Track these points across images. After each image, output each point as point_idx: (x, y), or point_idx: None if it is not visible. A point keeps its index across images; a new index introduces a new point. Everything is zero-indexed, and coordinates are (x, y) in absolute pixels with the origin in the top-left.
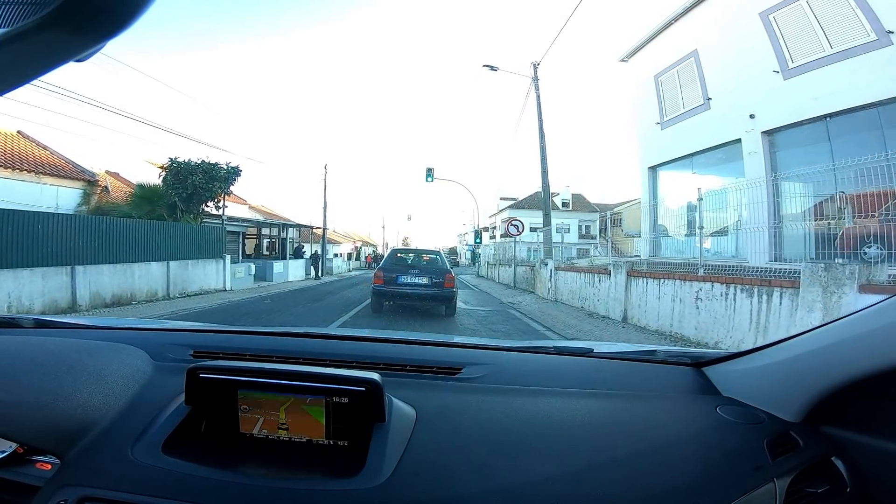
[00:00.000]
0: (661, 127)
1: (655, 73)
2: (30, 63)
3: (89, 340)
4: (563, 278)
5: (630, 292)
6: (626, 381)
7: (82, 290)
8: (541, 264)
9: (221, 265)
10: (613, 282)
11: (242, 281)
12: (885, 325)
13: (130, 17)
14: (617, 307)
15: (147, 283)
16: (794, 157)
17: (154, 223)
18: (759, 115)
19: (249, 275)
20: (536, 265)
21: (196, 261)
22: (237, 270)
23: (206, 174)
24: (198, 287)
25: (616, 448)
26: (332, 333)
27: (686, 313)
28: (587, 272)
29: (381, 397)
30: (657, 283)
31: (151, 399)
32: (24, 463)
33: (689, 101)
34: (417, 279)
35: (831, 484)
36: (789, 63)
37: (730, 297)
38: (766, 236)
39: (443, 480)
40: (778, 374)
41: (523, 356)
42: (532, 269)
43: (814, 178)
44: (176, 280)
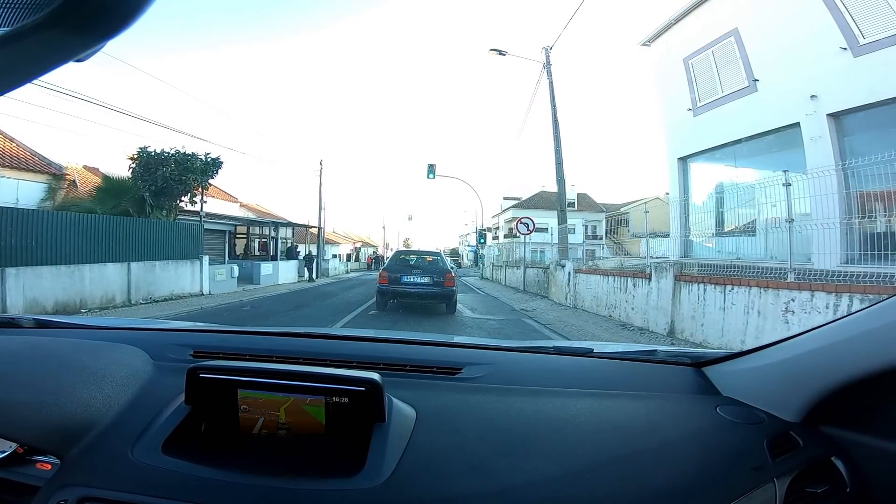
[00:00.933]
0: (694, 113)
1: (685, 55)
2: (30, 63)
3: (89, 340)
4: (584, 282)
5: (679, 301)
6: (626, 381)
7: (14, 295)
8: (556, 266)
9: (198, 266)
10: (655, 287)
11: (224, 284)
12: (884, 325)
13: (130, 17)
14: (660, 318)
15: (102, 288)
16: (864, 143)
17: (111, 218)
18: (821, 97)
19: (232, 277)
20: (550, 267)
21: (166, 262)
22: (217, 272)
23: (180, 165)
24: (168, 291)
25: (616, 448)
26: (333, 333)
27: (767, 329)
28: (616, 275)
29: (381, 397)
30: (720, 291)
31: (151, 399)
32: (24, 463)
33: (728, 83)
34: (420, 279)
35: (831, 484)
36: (859, 39)
37: (841, 311)
38: (837, 234)
39: (443, 480)
40: (778, 374)
41: (523, 356)
42: (545, 271)
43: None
44: (139, 284)
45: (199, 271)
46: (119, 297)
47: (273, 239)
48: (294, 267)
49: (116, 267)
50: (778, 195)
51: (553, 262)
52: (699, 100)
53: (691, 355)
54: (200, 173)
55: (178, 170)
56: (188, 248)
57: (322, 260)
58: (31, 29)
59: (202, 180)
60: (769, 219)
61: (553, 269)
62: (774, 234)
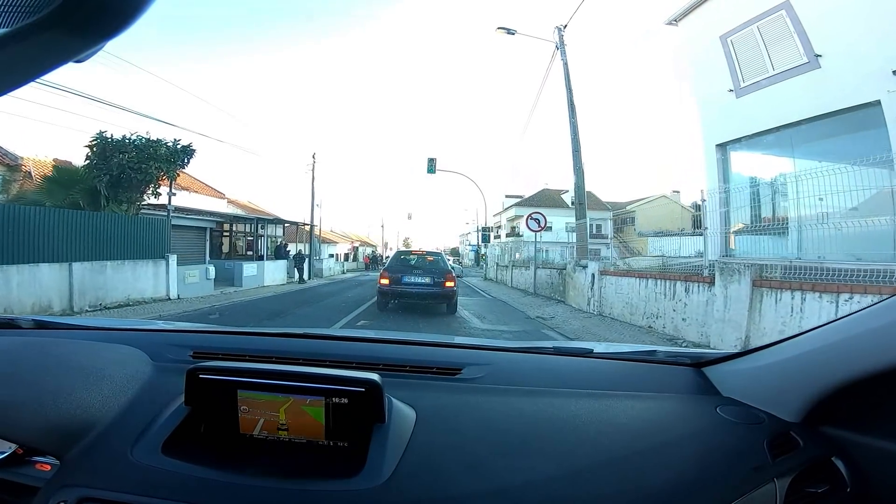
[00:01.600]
0: (737, 94)
1: (722, 33)
2: (30, 63)
3: (89, 341)
4: (613, 286)
5: (760, 312)
6: (626, 382)
7: None
8: (575, 267)
9: (163, 267)
10: (721, 294)
11: (197, 287)
12: (884, 325)
13: (130, 17)
14: (728, 332)
15: (34, 294)
16: None
17: (47, 211)
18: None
19: (208, 279)
20: (567, 268)
21: (121, 261)
22: (189, 274)
23: (141, 152)
24: (122, 296)
25: (616, 448)
26: (332, 334)
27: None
28: (659, 278)
29: (381, 398)
30: (831, 300)
31: (151, 400)
32: (23, 463)
33: (780, 60)
34: (420, 279)
35: (831, 484)
36: None
37: None
38: None
39: (442, 481)
40: (778, 374)
41: (523, 356)
42: (559, 272)
43: None
44: (85, 288)
45: (165, 272)
46: (57, 305)
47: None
48: (283, 267)
49: (54, 268)
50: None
51: (571, 262)
52: (742, 79)
53: (691, 356)
54: (166, 161)
55: (138, 157)
56: (151, 246)
57: (316, 259)
58: (31, 29)
59: (168, 169)
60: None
61: (571, 269)
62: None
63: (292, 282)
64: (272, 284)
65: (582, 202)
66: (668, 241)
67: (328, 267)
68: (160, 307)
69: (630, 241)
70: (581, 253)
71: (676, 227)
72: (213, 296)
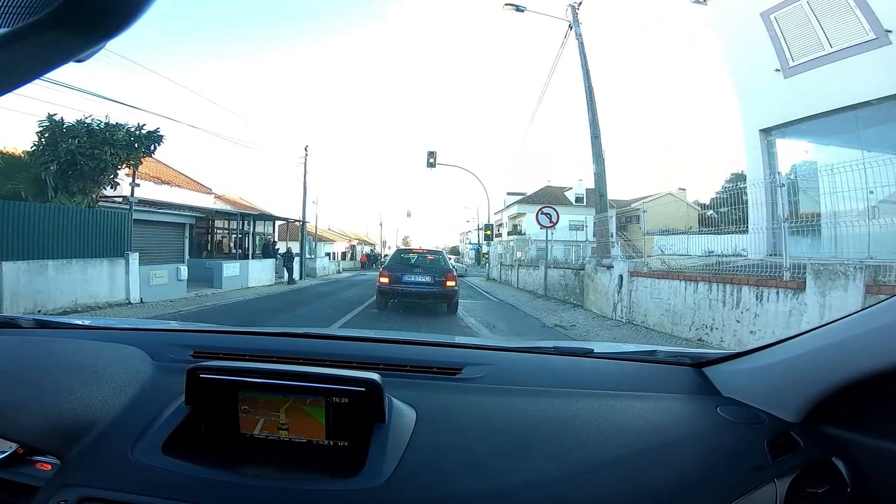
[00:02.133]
0: (785, 74)
1: (763, 9)
2: (30, 63)
3: (89, 341)
4: (647, 290)
5: None
6: (627, 382)
7: None
8: (597, 267)
9: (123, 267)
10: (816, 303)
11: (165, 289)
12: (884, 325)
13: (130, 17)
14: None
15: None
16: None
17: None
18: None
19: (179, 280)
20: (587, 268)
21: (67, 260)
22: (154, 274)
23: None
24: (70, 300)
25: (616, 448)
26: (332, 334)
27: None
28: (717, 282)
29: (381, 398)
30: None
31: (151, 399)
32: (23, 463)
33: (838, 37)
34: (421, 278)
35: (832, 484)
36: None
37: None
38: None
39: (443, 481)
40: (778, 374)
41: (523, 356)
42: (575, 273)
43: None
44: (18, 291)
45: (125, 273)
46: None
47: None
48: (270, 267)
49: None
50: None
51: (591, 262)
52: (792, 57)
53: (692, 356)
54: (125, 148)
55: (91, 143)
56: (107, 243)
57: (308, 258)
58: (31, 29)
59: (129, 156)
60: None
61: (591, 270)
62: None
63: (281, 282)
64: (257, 285)
65: (603, 193)
66: (670, 241)
67: (322, 266)
68: (114, 313)
69: (635, 239)
70: (602, 251)
71: (683, 225)
72: (185, 299)
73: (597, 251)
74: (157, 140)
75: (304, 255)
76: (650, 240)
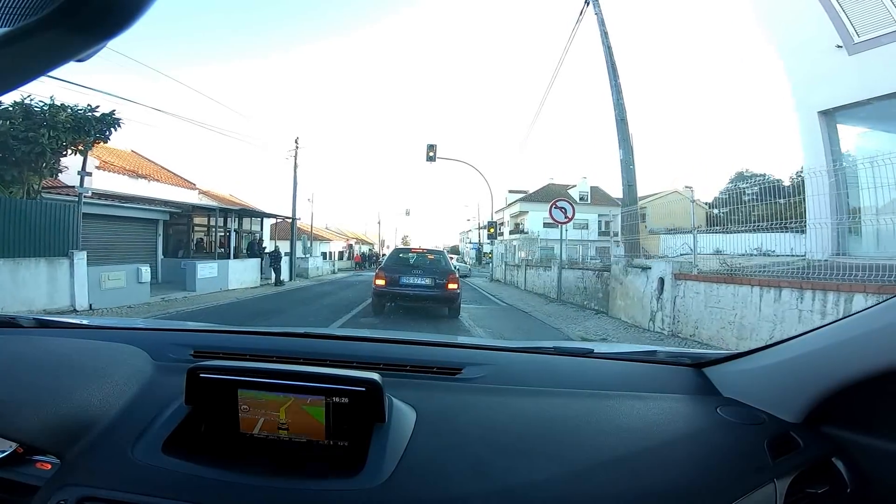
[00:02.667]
0: (849, 51)
1: None
2: (30, 63)
3: (89, 340)
4: (701, 296)
5: None
6: (627, 382)
7: None
8: (627, 268)
9: (67, 268)
10: None
11: (122, 294)
12: (884, 325)
13: (131, 17)
14: None
15: None
16: None
17: None
18: None
19: (141, 282)
20: (613, 269)
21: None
22: (108, 277)
23: (31, 119)
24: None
25: (616, 448)
26: (333, 333)
27: None
28: (816, 289)
29: (381, 398)
30: None
31: (151, 399)
32: (23, 463)
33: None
34: (420, 280)
35: (831, 484)
36: None
37: None
38: None
39: (443, 481)
40: (778, 374)
41: (523, 356)
42: (598, 274)
43: None
44: None
45: (69, 275)
46: None
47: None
48: (255, 267)
49: None
50: None
51: (620, 262)
52: (857, 32)
53: (692, 356)
54: (69, 131)
55: (27, 125)
56: (47, 240)
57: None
58: (31, 29)
59: (75, 140)
60: None
61: (620, 271)
62: None
63: (268, 284)
64: (239, 288)
65: (631, 183)
66: (679, 240)
67: (315, 266)
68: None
69: (640, 238)
70: (631, 249)
71: (690, 224)
72: (147, 305)
73: (626, 249)
74: (113, 124)
75: (295, 254)
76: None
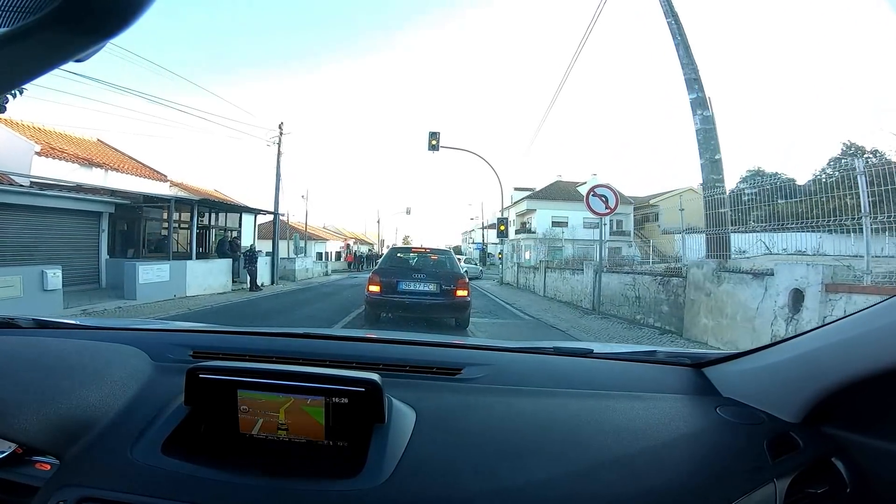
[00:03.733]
0: None
1: None
2: (30, 63)
3: (89, 341)
4: None
5: None
6: (626, 382)
7: None
8: (719, 273)
9: None
10: None
11: (19, 305)
12: (884, 325)
13: (130, 17)
14: None
15: None
16: None
17: None
18: None
19: (47, 290)
20: (696, 273)
21: None
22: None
23: None
24: None
25: (616, 448)
26: (332, 334)
27: None
28: None
29: (381, 398)
30: None
31: (151, 399)
32: (23, 463)
33: None
34: (423, 286)
35: (831, 484)
36: None
37: None
38: None
39: (442, 481)
40: (778, 374)
41: (523, 357)
42: (662, 281)
43: None
44: None
45: None
46: None
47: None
48: (226, 269)
49: None
50: None
51: (708, 264)
52: None
53: (691, 356)
54: None
55: None
56: None
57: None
58: (31, 29)
59: None
60: None
61: (708, 277)
62: None
63: (240, 289)
64: (202, 294)
65: (717, 157)
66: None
67: (304, 268)
68: None
69: (653, 238)
70: (719, 248)
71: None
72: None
73: (709, 248)
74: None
75: (278, 254)
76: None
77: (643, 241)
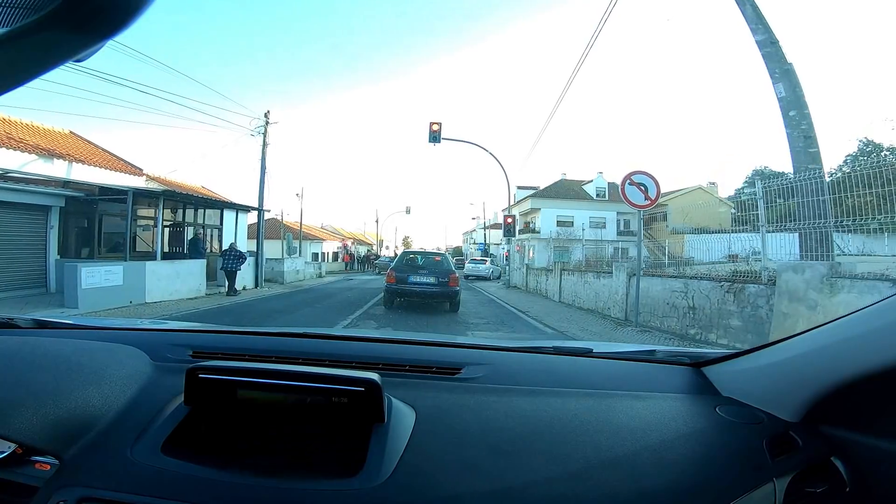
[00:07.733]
0: None
1: None
2: (30, 63)
3: (88, 341)
4: None
5: None
6: (626, 381)
7: None
8: (831, 279)
9: None
10: None
11: None
12: (884, 324)
13: (130, 17)
14: None
15: None
16: None
17: None
18: None
19: None
20: (793, 279)
21: None
22: None
23: None
24: None
25: (615, 448)
26: (332, 333)
27: None
28: None
29: (381, 397)
30: None
31: (151, 399)
32: (23, 463)
33: None
34: (425, 279)
35: (831, 484)
36: None
37: None
38: None
39: (442, 480)
40: (777, 373)
41: (523, 356)
42: (734, 289)
43: None
44: None
45: None
46: None
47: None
48: (199, 271)
49: None
50: None
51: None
52: None
53: (691, 355)
54: None
55: None
56: None
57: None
58: (31, 29)
59: None
60: None
61: (812, 284)
62: None
63: (219, 293)
64: (166, 300)
65: (809, 134)
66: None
67: (294, 269)
68: None
69: (660, 238)
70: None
71: (717, 223)
72: None
73: (804, 246)
74: None
75: (262, 254)
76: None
77: (653, 242)
